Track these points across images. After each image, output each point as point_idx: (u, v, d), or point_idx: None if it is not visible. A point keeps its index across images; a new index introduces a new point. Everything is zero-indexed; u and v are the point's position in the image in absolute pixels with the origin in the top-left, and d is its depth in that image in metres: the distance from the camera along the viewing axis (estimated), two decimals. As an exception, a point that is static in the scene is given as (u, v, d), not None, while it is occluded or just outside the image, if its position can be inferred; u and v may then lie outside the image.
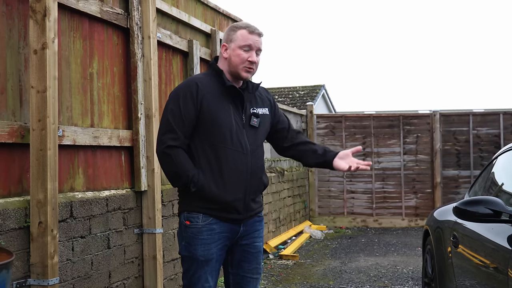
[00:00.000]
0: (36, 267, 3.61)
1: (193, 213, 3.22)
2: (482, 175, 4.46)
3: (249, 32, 3.26)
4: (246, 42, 3.24)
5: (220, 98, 3.23)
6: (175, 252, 5.52)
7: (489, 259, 3.32)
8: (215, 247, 3.22)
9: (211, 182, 3.17)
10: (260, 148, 3.37)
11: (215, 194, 3.17)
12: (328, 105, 25.44)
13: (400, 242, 10.23)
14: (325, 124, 12.51)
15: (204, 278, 3.22)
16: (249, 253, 3.37)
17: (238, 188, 3.22)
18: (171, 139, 3.15)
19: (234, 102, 3.27)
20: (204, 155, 3.20)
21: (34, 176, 3.63)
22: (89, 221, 4.22)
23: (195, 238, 3.20)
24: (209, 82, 3.26)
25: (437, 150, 12.04)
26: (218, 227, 3.22)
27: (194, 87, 3.20)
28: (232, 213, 3.23)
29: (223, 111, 3.21)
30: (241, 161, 3.22)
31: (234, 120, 3.23)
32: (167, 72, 5.61)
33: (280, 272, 7.60)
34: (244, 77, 3.28)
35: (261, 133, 3.38)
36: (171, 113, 3.19)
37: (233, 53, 3.26)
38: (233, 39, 3.27)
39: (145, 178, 4.88)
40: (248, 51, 3.24)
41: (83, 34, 4.33)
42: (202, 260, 3.19)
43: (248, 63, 3.24)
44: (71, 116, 4.16)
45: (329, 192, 12.48)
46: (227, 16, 7.08)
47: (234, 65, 3.26)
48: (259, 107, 3.39)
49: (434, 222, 4.93)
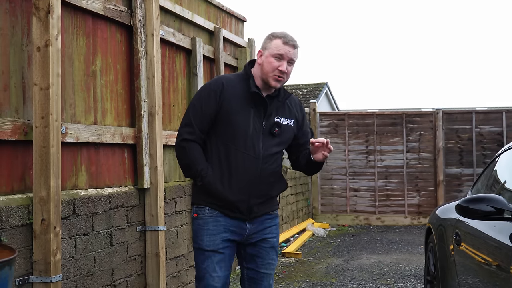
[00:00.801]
0: (39, 264, 3.61)
1: (200, 206, 3.39)
2: (484, 173, 4.46)
3: (283, 42, 3.34)
4: (279, 51, 3.33)
5: (242, 101, 3.34)
6: (177, 249, 5.53)
7: (491, 257, 3.31)
8: (220, 238, 3.34)
9: (218, 179, 3.31)
10: (276, 155, 3.43)
11: (219, 192, 3.30)
12: (331, 103, 25.45)
13: (402, 240, 10.23)
14: (328, 122, 12.51)
15: (212, 267, 3.33)
16: (262, 248, 3.46)
17: (243, 190, 3.32)
18: (187, 132, 3.32)
19: (257, 108, 3.36)
20: (216, 152, 3.34)
21: (37, 173, 3.63)
22: (92, 219, 4.23)
23: (201, 229, 3.37)
24: (237, 84, 3.39)
25: (440, 148, 12.03)
26: (223, 220, 3.36)
27: (220, 87, 3.33)
28: (235, 212, 3.35)
29: (242, 114, 3.32)
30: (251, 165, 3.32)
31: (252, 125, 3.33)
32: (170, 69, 5.62)
33: (283, 269, 7.61)
34: (273, 85, 3.37)
35: (280, 141, 3.44)
36: (193, 108, 3.36)
37: (266, 60, 3.35)
38: (268, 47, 3.37)
39: (148, 176, 4.89)
40: (279, 60, 3.33)
41: (86, 31, 4.33)
42: (208, 250, 3.33)
43: (278, 71, 3.33)
44: (74, 113, 4.17)
45: (332, 190, 12.47)
46: (230, 13, 7.08)
47: (265, 71, 3.35)
48: (285, 117, 3.46)
49: (436, 220, 4.93)
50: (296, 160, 3.61)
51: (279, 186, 3.50)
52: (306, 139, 3.57)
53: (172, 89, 5.62)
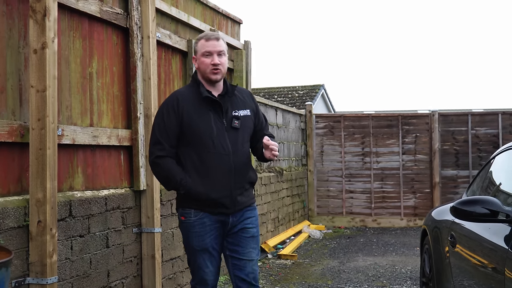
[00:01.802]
0: (35, 266, 3.62)
1: (186, 209, 3.66)
2: (480, 175, 4.47)
3: (206, 40, 3.68)
4: (206, 49, 3.66)
5: (199, 107, 3.64)
6: (173, 251, 5.53)
7: (486, 259, 3.33)
8: (208, 238, 3.65)
9: (198, 183, 3.58)
10: (243, 148, 3.73)
11: (202, 194, 3.58)
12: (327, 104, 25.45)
13: (398, 242, 10.25)
14: (324, 124, 12.52)
15: (204, 264, 3.66)
16: (243, 237, 3.73)
17: (223, 186, 3.62)
18: (158, 149, 3.61)
19: (214, 109, 3.65)
20: (190, 160, 3.62)
21: (34, 175, 3.64)
22: (88, 220, 4.24)
23: (189, 231, 3.66)
24: (190, 94, 3.69)
25: (435, 150, 12.05)
26: (208, 220, 3.64)
27: (175, 101, 3.64)
28: (220, 208, 3.63)
29: (203, 119, 3.61)
30: (224, 162, 3.61)
31: (214, 125, 3.62)
32: (166, 71, 5.63)
33: (279, 271, 7.61)
34: (213, 79, 3.67)
35: (243, 133, 3.74)
36: (157, 127, 3.65)
37: (199, 61, 3.69)
38: (197, 50, 3.72)
39: (144, 178, 4.90)
40: (209, 56, 3.66)
41: (83, 33, 4.34)
42: (199, 250, 3.64)
43: (212, 66, 3.64)
44: (70, 115, 4.18)
45: (328, 192, 12.49)
46: (226, 16, 7.10)
47: (202, 71, 3.68)
48: (240, 109, 3.75)
49: (432, 222, 4.95)
50: (254, 148, 3.90)
51: (251, 176, 3.78)
52: (261, 126, 3.90)
53: (168, 91, 5.63)
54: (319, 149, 12.43)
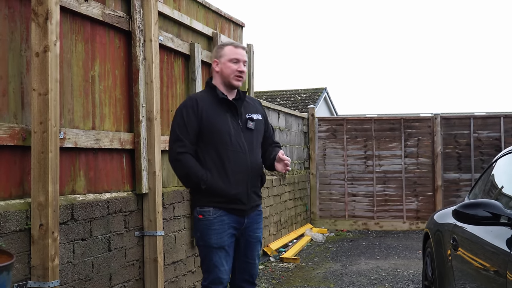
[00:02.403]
0: (37, 270, 3.62)
1: (204, 207, 3.81)
2: (482, 178, 4.47)
3: (235, 47, 3.93)
4: (234, 56, 3.89)
5: (217, 109, 3.85)
6: (176, 254, 5.53)
7: (488, 262, 3.32)
8: (225, 236, 3.81)
9: (218, 179, 3.76)
10: (257, 148, 3.97)
11: (222, 189, 3.76)
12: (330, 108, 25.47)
13: (401, 245, 10.23)
14: (327, 127, 12.52)
15: (220, 262, 3.80)
16: (251, 242, 3.97)
17: (241, 183, 3.81)
18: (179, 146, 3.77)
19: (230, 111, 3.88)
20: (209, 157, 3.80)
21: (35, 179, 3.64)
22: (90, 224, 4.24)
23: (208, 229, 3.79)
24: (207, 98, 3.89)
25: (438, 153, 12.04)
26: (227, 218, 3.81)
27: (194, 102, 3.84)
28: (238, 204, 3.82)
29: (221, 119, 3.82)
30: (241, 160, 3.81)
31: (231, 125, 3.83)
32: (169, 75, 5.63)
33: (281, 275, 7.61)
34: (236, 85, 3.91)
35: (257, 134, 3.98)
36: (177, 125, 3.82)
37: (224, 66, 3.90)
38: (223, 55, 3.92)
39: (146, 181, 4.90)
40: (236, 63, 3.89)
41: (85, 37, 4.35)
42: (216, 248, 3.79)
43: (238, 72, 3.89)
44: (72, 118, 4.18)
45: (330, 195, 12.48)
46: (228, 19, 7.10)
47: (226, 76, 3.89)
48: (253, 114, 3.99)
49: (434, 225, 4.94)
50: (263, 154, 4.08)
51: (262, 177, 4.02)
52: (270, 133, 4.17)
53: (171, 95, 5.64)
54: (322, 152, 12.43)
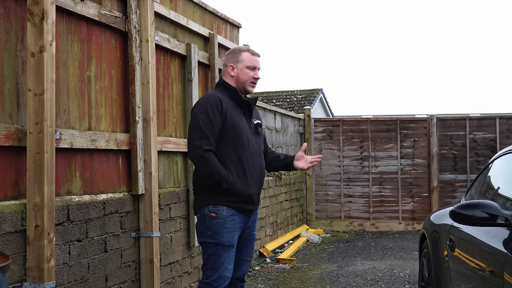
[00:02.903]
0: (32, 271, 3.60)
1: (218, 206, 3.86)
2: (478, 179, 4.47)
3: (252, 54, 4.05)
4: (253, 64, 4.03)
5: (236, 110, 3.95)
6: (172, 255, 5.51)
7: (485, 263, 3.32)
8: (236, 235, 3.92)
9: (237, 179, 3.86)
10: (262, 151, 4.15)
11: (241, 189, 3.86)
12: (325, 109, 25.47)
13: (397, 246, 10.24)
14: (323, 128, 12.51)
15: (228, 261, 3.87)
16: (248, 240, 4.10)
17: (255, 184, 3.96)
18: (206, 144, 3.79)
19: (245, 114, 4.01)
20: (229, 157, 3.87)
21: (31, 179, 3.62)
22: (86, 225, 4.22)
23: (221, 227, 3.85)
24: (226, 98, 3.94)
25: (434, 154, 12.05)
26: (238, 217, 3.91)
27: (218, 101, 3.87)
28: (250, 204, 3.96)
29: (240, 121, 3.94)
30: (255, 162, 3.98)
31: (248, 128, 3.98)
32: (165, 75, 5.62)
33: (277, 276, 7.60)
34: (250, 91, 4.06)
35: (262, 139, 4.18)
36: (203, 123, 3.82)
37: (241, 72, 4.01)
38: (240, 60, 4.02)
39: (142, 182, 4.88)
40: (253, 70, 4.02)
41: (81, 37, 4.33)
42: (227, 246, 3.86)
43: (254, 79, 4.03)
44: (68, 119, 4.16)
45: (326, 196, 12.48)
46: (225, 20, 7.09)
47: (242, 81, 4.02)
48: (258, 119, 4.17)
49: (430, 226, 4.94)
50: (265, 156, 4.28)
51: None
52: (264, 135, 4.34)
53: (167, 95, 5.62)
54: (318, 153, 12.41)
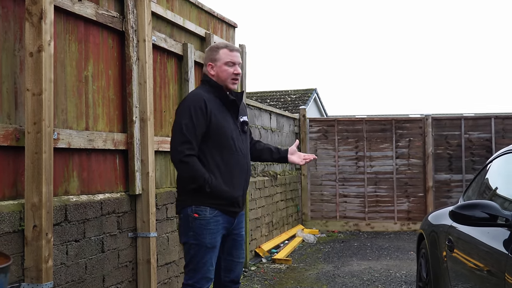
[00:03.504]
0: (30, 271, 3.58)
1: (201, 207, 3.78)
2: (476, 180, 4.47)
3: (230, 50, 3.91)
4: (231, 59, 3.88)
5: (222, 110, 3.85)
6: (169, 256, 5.50)
7: (484, 263, 3.32)
8: (218, 236, 3.84)
9: (221, 182, 3.78)
10: (248, 149, 4.06)
11: (225, 192, 3.79)
12: (319, 109, 25.48)
13: (392, 246, 10.25)
14: (318, 128, 12.52)
15: (210, 262, 3.81)
16: (237, 241, 4.02)
17: (240, 186, 3.89)
18: (188, 149, 3.72)
19: (231, 113, 3.90)
20: (213, 160, 3.79)
21: (29, 179, 3.61)
22: (83, 225, 4.21)
23: (203, 228, 3.78)
24: (211, 97, 3.85)
25: (429, 154, 12.07)
26: (221, 218, 3.83)
27: (203, 103, 3.77)
28: (235, 206, 3.89)
29: (226, 122, 3.83)
30: (241, 163, 3.89)
31: (233, 128, 3.87)
32: (162, 75, 5.60)
33: (273, 276, 7.59)
34: (232, 88, 3.92)
35: (248, 137, 4.09)
36: (185, 127, 3.73)
37: (220, 69, 3.88)
38: (218, 58, 3.89)
39: (139, 182, 4.87)
40: (232, 66, 3.88)
41: (79, 37, 4.31)
42: (209, 247, 3.79)
43: (234, 75, 3.88)
44: (66, 119, 4.14)
45: (322, 196, 12.48)
46: (221, 19, 7.08)
47: (223, 79, 3.88)
48: (244, 116, 4.04)
49: (428, 226, 4.94)
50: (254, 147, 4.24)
51: None
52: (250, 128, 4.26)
53: (164, 95, 5.61)
54: (313, 153, 12.40)
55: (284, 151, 4.22)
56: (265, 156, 4.27)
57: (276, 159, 4.26)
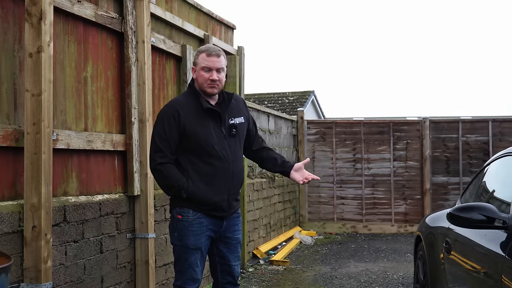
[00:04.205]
0: (30, 272, 3.59)
1: (184, 208, 3.77)
2: (473, 182, 4.49)
3: (207, 55, 3.79)
4: (206, 64, 3.78)
5: (199, 117, 3.76)
6: (167, 257, 5.51)
7: (482, 265, 3.34)
8: (203, 237, 3.79)
9: (200, 188, 3.73)
10: (240, 153, 3.95)
11: (203, 197, 3.74)
12: (317, 111, 25.50)
13: (389, 248, 10.26)
14: (316, 130, 12.53)
15: (195, 263, 3.78)
16: (232, 244, 3.96)
17: (222, 191, 3.80)
18: (160, 157, 3.72)
19: (213, 118, 3.80)
20: (191, 166, 3.75)
21: (28, 180, 3.62)
22: (82, 226, 4.21)
23: (186, 229, 3.76)
24: (188, 104, 3.80)
25: (426, 157, 12.09)
26: (205, 220, 3.79)
27: (176, 112, 3.73)
28: (218, 211, 3.81)
29: (204, 129, 3.75)
30: (224, 169, 3.79)
31: (215, 134, 3.77)
32: (161, 76, 5.61)
33: (271, 277, 7.60)
34: (210, 93, 3.81)
35: (240, 139, 3.95)
36: (158, 135, 3.75)
37: (198, 74, 3.82)
38: (197, 62, 3.83)
39: (138, 183, 4.88)
40: (208, 71, 3.77)
41: (78, 38, 4.32)
42: (193, 248, 3.76)
43: (210, 81, 3.77)
44: (65, 120, 4.15)
45: (319, 198, 12.49)
46: (220, 21, 7.10)
47: (200, 84, 3.81)
48: (236, 117, 3.92)
49: (426, 228, 4.95)
50: (254, 152, 4.15)
51: (243, 180, 4.01)
52: (255, 130, 4.13)
53: (162, 96, 5.62)
54: (311, 155, 12.43)
55: (289, 166, 4.05)
56: (267, 165, 4.14)
57: (278, 171, 4.12)
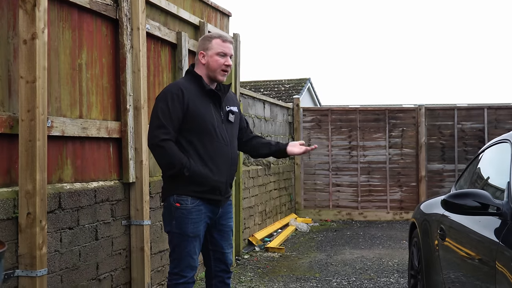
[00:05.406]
0: (24, 258, 3.60)
1: (182, 196, 3.77)
2: (468, 169, 4.50)
3: (222, 41, 3.88)
4: (223, 50, 3.85)
5: (201, 99, 3.82)
6: (162, 244, 5.52)
7: (476, 252, 3.35)
8: (201, 225, 3.83)
9: (200, 167, 3.75)
10: (235, 140, 4.01)
11: (204, 176, 3.75)
12: (313, 98, 25.49)
13: (385, 235, 10.30)
14: (312, 117, 12.53)
15: (193, 251, 3.81)
16: (225, 232, 4.02)
17: (222, 173, 3.84)
18: (163, 133, 3.69)
19: (213, 102, 3.87)
20: (192, 147, 3.76)
21: (23, 167, 3.61)
22: (77, 213, 4.22)
23: (185, 218, 3.77)
24: (190, 87, 3.83)
25: (422, 144, 12.11)
26: (204, 208, 3.82)
27: (180, 91, 3.77)
28: (216, 194, 3.83)
29: (206, 110, 3.80)
30: (223, 151, 3.84)
31: (215, 117, 3.83)
32: (156, 63, 5.60)
33: (267, 264, 7.62)
34: (220, 80, 3.90)
35: (235, 127, 4.03)
36: (161, 111, 3.73)
37: (211, 59, 3.86)
38: (210, 47, 3.87)
39: (133, 170, 4.87)
40: (223, 57, 3.86)
41: (72, 24, 4.30)
42: (192, 236, 3.78)
43: (225, 66, 3.86)
44: (59, 107, 4.14)
45: (315, 185, 12.51)
46: (215, 8, 7.07)
47: (212, 69, 3.86)
48: (232, 106, 4.01)
49: (421, 215, 4.97)
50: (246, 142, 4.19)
51: (237, 169, 4.08)
52: (244, 123, 4.21)
53: (158, 83, 5.61)
54: (306, 143, 12.36)
55: (284, 143, 4.12)
56: (263, 151, 4.17)
57: (274, 151, 4.13)
